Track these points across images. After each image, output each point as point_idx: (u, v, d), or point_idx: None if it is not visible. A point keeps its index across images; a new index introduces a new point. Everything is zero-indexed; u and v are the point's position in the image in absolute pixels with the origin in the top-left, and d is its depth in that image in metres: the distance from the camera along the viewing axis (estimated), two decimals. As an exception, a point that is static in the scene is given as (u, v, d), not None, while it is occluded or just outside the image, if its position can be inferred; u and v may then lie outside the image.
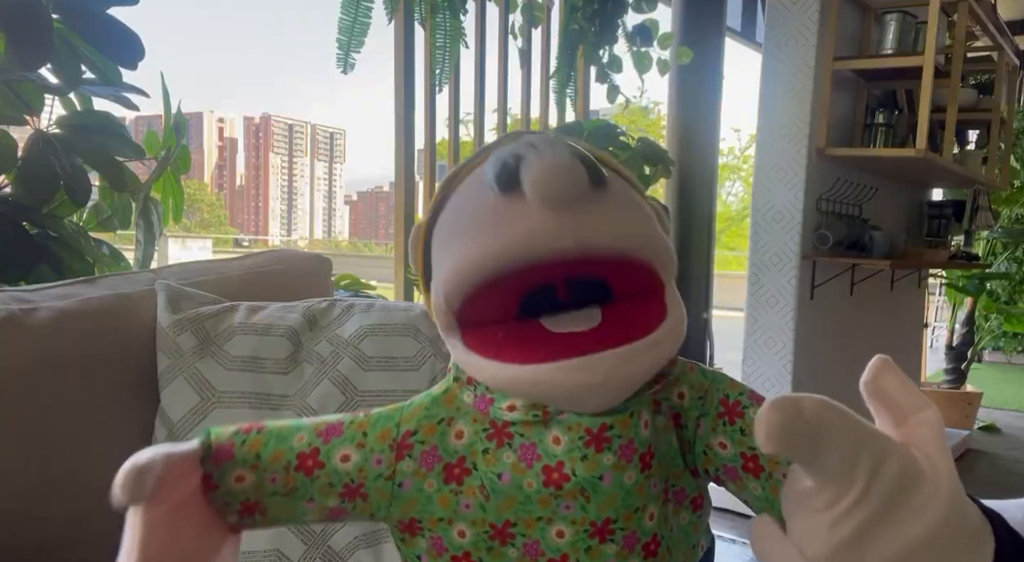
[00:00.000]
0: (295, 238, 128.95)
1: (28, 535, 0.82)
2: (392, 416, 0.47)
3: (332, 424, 0.47)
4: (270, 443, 0.45)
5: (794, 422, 0.33)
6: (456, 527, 0.46)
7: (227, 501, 0.45)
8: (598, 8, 2.05)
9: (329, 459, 0.45)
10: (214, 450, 0.45)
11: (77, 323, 0.89)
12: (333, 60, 1.69)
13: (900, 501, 0.34)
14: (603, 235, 0.38)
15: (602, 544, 0.44)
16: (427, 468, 0.45)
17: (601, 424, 0.42)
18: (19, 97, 1.16)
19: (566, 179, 0.37)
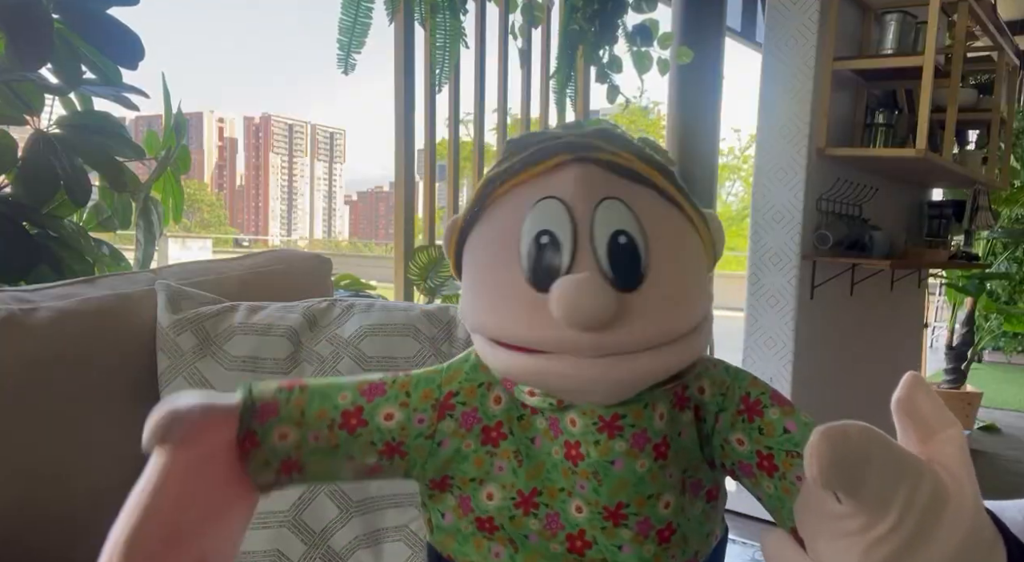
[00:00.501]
0: (295, 238, 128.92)
1: (27, 535, 0.82)
2: (433, 378, 0.48)
3: (375, 383, 0.48)
4: (315, 400, 0.46)
5: (844, 453, 0.33)
6: (486, 489, 0.47)
7: (267, 459, 0.45)
8: (598, 8, 2.05)
9: (373, 417, 0.46)
10: (258, 407, 0.45)
11: (77, 323, 0.89)
12: (333, 60, 1.69)
13: (931, 523, 0.35)
14: (628, 346, 0.39)
15: (616, 527, 0.45)
16: (466, 428, 0.47)
17: (613, 413, 0.43)
18: (19, 97, 1.16)
19: (590, 307, 0.37)
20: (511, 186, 0.43)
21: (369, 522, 0.91)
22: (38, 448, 0.83)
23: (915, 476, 0.35)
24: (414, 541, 0.92)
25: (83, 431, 0.87)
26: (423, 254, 1.90)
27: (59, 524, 0.84)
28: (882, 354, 3.30)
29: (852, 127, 2.84)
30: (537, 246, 0.40)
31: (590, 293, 0.37)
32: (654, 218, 0.41)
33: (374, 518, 0.92)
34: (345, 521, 0.90)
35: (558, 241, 0.39)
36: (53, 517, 0.84)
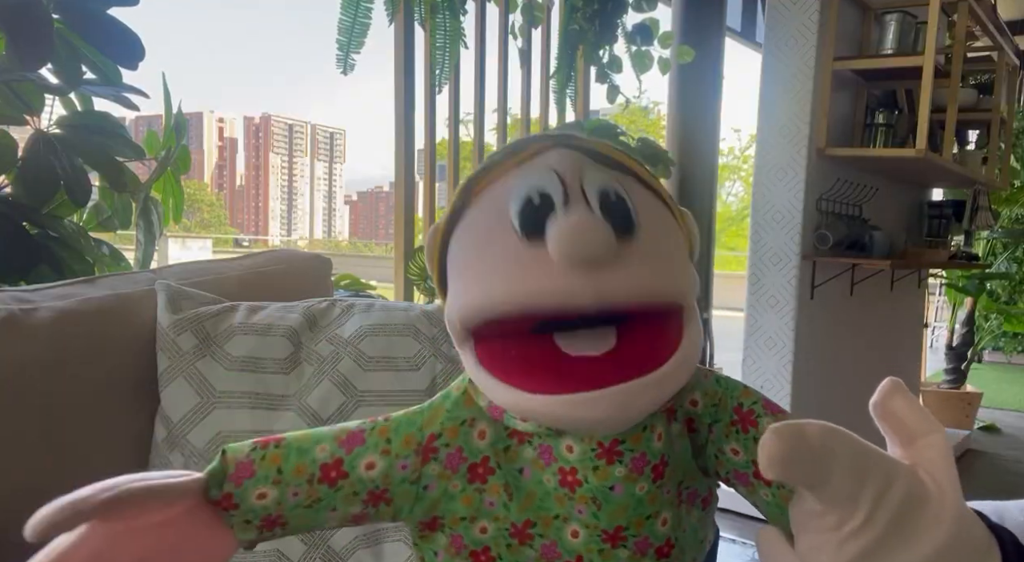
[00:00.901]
0: (295, 238, 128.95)
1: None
2: (414, 420, 0.46)
3: (353, 432, 0.46)
4: (291, 456, 0.45)
5: (797, 450, 0.33)
6: (478, 524, 0.46)
7: (247, 519, 0.44)
8: (598, 8, 2.05)
9: (353, 468, 0.45)
10: (232, 471, 0.44)
11: (77, 323, 0.89)
12: (333, 60, 1.69)
13: (906, 523, 0.35)
14: (624, 292, 0.38)
15: (615, 549, 0.45)
16: (452, 470, 0.46)
17: (612, 440, 0.42)
18: (19, 97, 1.16)
19: (590, 241, 0.37)
20: (491, 179, 0.43)
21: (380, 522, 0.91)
22: (38, 448, 0.83)
23: (886, 474, 0.35)
24: (414, 541, 0.92)
25: (83, 431, 0.87)
26: (423, 254, 1.90)
27: (59, 524, 0.84)
28: (882, 354, 3.30)
29: (852, 127, 2.84)
30: (529, 205, 0.39)
31: (590, 227, 0.37)
32: (636, 194, 0.41)
33: (374, 518, 0.92)
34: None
35: (549, 197, 0.39)
36: (53, 517, 0.84)
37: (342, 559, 0.89)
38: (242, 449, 0.45)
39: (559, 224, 0.37)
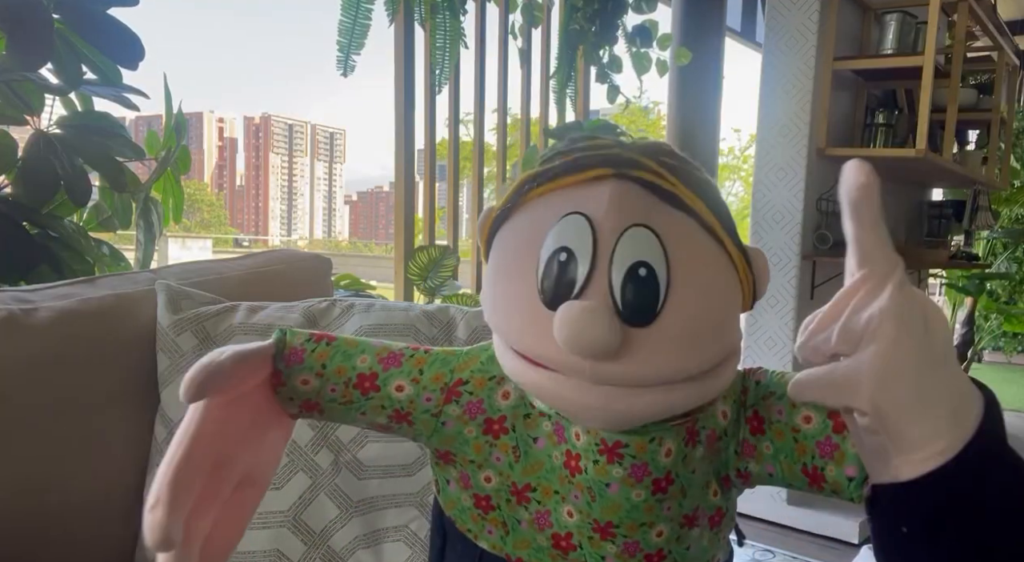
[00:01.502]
0: (295, 238, 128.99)
1: (28, 534, 0.82)
2: (448, 361, 0.50)
3: (393, 353, 0.50)
4: (336, 357, 0.49)
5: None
6: (484, 472, 0.49)
7: (291, 397, 0.49)
8: (598, 8, 2.05)
9: (385, 385, 0.49)
10: (287, 352, 0.49)
11: (77, 323, 0.89)
12: (333, 60, 1.69)
13: (921, 299, 0.39)
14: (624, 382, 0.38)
15: (604, 541, 0.46)
16: (470, 416, 0.48)
17: (616, 441, 0.42)
18: (19, 97, 1.16)
19: (589, 339, 0.36)
20: (546, 190, 0.42)
21: (369, 522, 0.91)
22: (38, 447, 0.83)
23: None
24: (414, 541, 0.92)
25: (83, 431, 0.87)
26: (423, 254, 1.90)
27: (60, 522, 0.84)
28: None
29: (852, 127, 2.84)
30: (555, 263, 0.39)
31: (593, 323, 0.36)
32: (686, 250, 0.39)
33: (374, 518, 0.92)
34: (345, 521, 0.90)
35: (576, 261, 0.38)
36: (55, 516, 0.84)
37: (342, 559, 0.89)
38: (299, 336, 0.50)
39: (566, 312, 0.37)
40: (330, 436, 0.92)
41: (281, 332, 0.49)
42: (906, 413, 0.37)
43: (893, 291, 0.37)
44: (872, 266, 0.38)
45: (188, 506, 0.42)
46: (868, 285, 0.37)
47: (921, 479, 0.37)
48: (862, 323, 0.37)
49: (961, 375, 0.39)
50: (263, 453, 0.50)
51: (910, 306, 0.37)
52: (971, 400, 0.39)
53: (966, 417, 0.38)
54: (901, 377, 0.36)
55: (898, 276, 0.38)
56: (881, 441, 0.38)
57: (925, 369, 0.37)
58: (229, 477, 0.46)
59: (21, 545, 0.81)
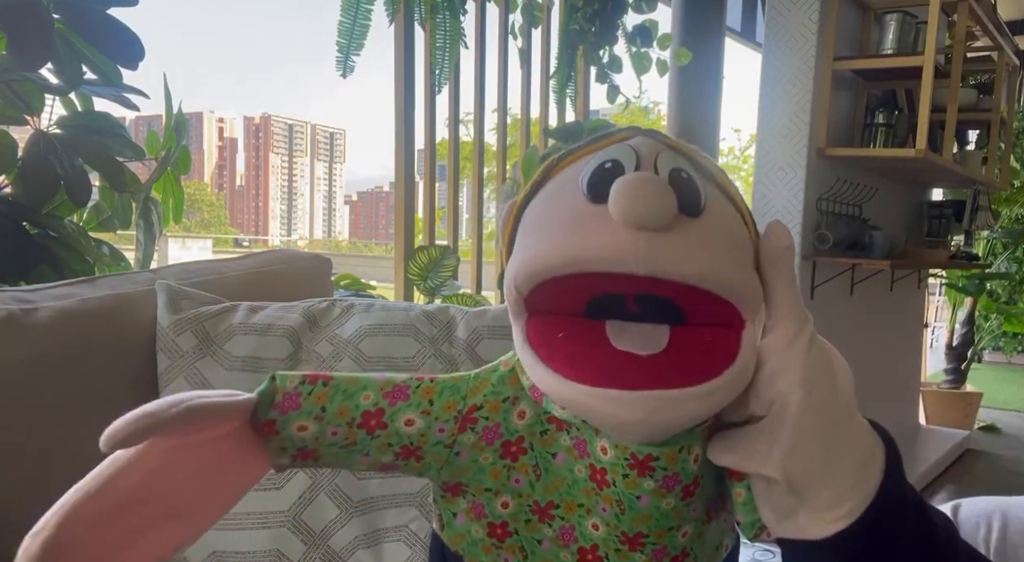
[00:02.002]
0: (295, 238, 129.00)
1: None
2: (459, 387, 0.47)
3: (398, 386, 0.47)
4: (336, 397, 0.46)
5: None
6: (501, 499, 0.47)
7: (284, 446, 0.45)
8: (598, 8, 2.05)
9: (393, 421, 0.46)
10: (279, 399, 0.45)
11: (77, 323, 0.89)
12: (333, 60, 1.69)
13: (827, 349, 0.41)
14: (676, 267, 0.37)
15: (632, 552, 0.45)
16: (487, 442, 0.46)
17: (647, 454, 0.41)
18: (19, 97, 1.16)
19: (650, 205, 0.36)
20: (572, 160, 0.43)
21: (369, 522, 0.91)
22: (37, 448, 0.83)
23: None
24: (414, 541, 0.92)
25: (83, 431, 0.87)
26: (423, 254, 1.90)
27: (59, 524, 0.84)
28: (882, 354, 3.30)
29: (852, 127, 2.84)
30: (600, 171, 0.39)
31: (651, 187, 0.36)
32: (709, 185, 0.41)
33: (374, 518, 0.92)
34: (345, 521, 0.90)
35: (621, 166, 0.39)
36: (53, 517, 0.84)
37: (342, 559, 0.89)
38: (291, 380, 0.46)
39: (622, 180, 0.37)
40: (330, 436, 0.92)
41: (270, 379, 0.45)
42: (816, 477, 0.38)
43: (801, 353, 0.38)
44: (785, 323, 0.39)
45: (78, 539, 0.38)
46: (779, 347, 0.39)
47: (830, 538, 0.38)
48: (773, 391, 0.38)
49: (863, 424, 0.40)
50: (204, 500, 0.44)
51: (817, 367, 0.38)
52: (875, 450, 0.40)
53: (872, 470, 0.39)
54: (811, 443, 0.38)
55: (806, 335, 0.39)
56: (788, 501, 0.39)
57: (833, 431, 0.38)
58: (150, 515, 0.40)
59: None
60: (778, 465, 0.38)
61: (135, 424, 0.38)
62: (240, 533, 0.86)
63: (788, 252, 0.39)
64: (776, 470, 0.38)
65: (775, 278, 0.39)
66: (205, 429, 0.41)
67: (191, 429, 0.40)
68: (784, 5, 2.53)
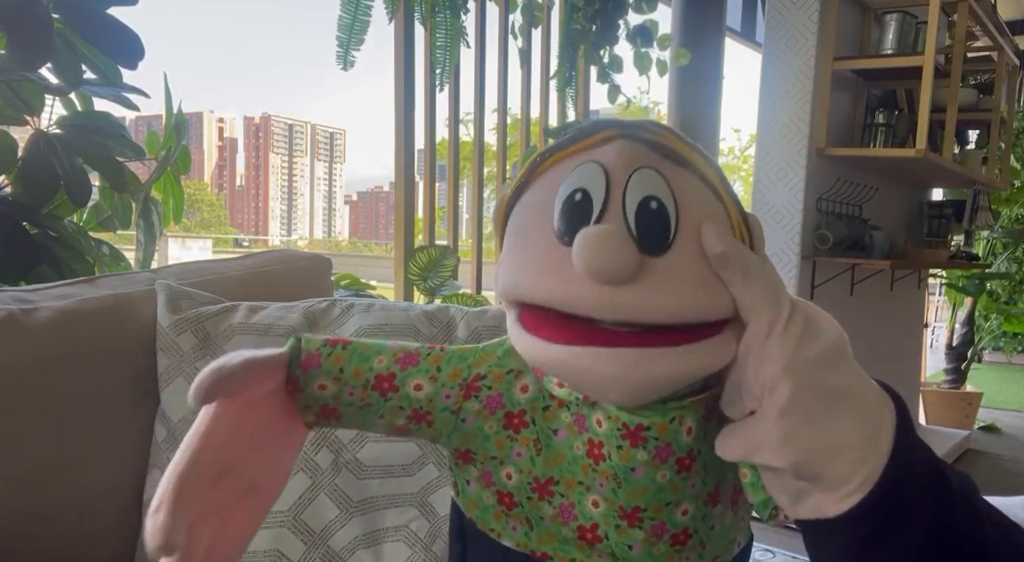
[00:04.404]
0: (295, 238, 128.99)
1: (28, 534, 0.82)
2: (465, 357, 0.50)
3: (410, 353, 0.50)
4: (353, 360, 0.49)
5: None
6: (505, 469, 0.49)
7: (308, 404, 0.49)
8: (599, 8, 2.05)
9: (403, 385, 0.49)
10: (303, 357, 0.49)
11: (77, 323, 0.89)
12: (334, 60, 1.69)
13: (811, 316, 0.40)
14: (640, 314, 0.38)
15: (631, 527, 0.46)
16: (490, 411, 0.49)
17: (638, 424, 0.43)
18: (19, 97, 1.16)
19: (609, 263, 0.37)
20: (557, 158, 0.44)
21: (369, 522, 0.92)
22: (38, 448, 0.83)
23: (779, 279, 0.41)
24: (414, 541, 0.92)
25: (83, 431, 0.87)
26: (423, 254, 1.90)
27: (60, 523, 0.84)
28: (882, 354, 3.30)
29: (852, 127, 2.84)
30: (571, 203, 0.40)
31: (610, 244, 0.37)
32: (691, 195, 0.40)
33: (374, 518, 0.92)
34: (345, 521, 0.90)
35: (590, 199, 0.39)
36: (54, 516, 0.84)
37: (342, 559, 0.89)
38: (314, 342, 0.50)
39: (583, 237, 0.38)
40: (330, 436, 0.92)
41: (296, 338, 0.49)
42: (821, 458, 0.38)
43: (778, 341, 0.38)
44: (757, 316, 0.39)
45: (191, 511, 0.42)
46: (757, 340, 0.39)
47: (846, 513, 0.38)
48: (759, 384, 0.38)
49: (865, 388, 0.40)
50: (272, 462, 0.49)
51: (799, 349, 0.38)
52: (883, 413, 0.39)
53: (881, 437, 0.38)
54: (807, 427, 0.38)
55: (781, 321, 0.39)
56: (799, 484, 0.39)
57: (830, 407, 0.38)
58: (236, 485, 0.45)
59: (21, 544, 0.81)
60: (779, 455, 0.38)
61: (213, 376, 0.43)
62: (240, 533, 0.86)
63: (724, 257, 0.38)
64: (778, 460, 0.38)
65: (729, 283, 0.39)
66: (261, 378, 0.46)
67: (252, 378, 0.45)
68: (784, 5, 2.53)
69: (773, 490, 0.41)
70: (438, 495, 0.95)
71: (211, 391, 0.43)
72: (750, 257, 0.39)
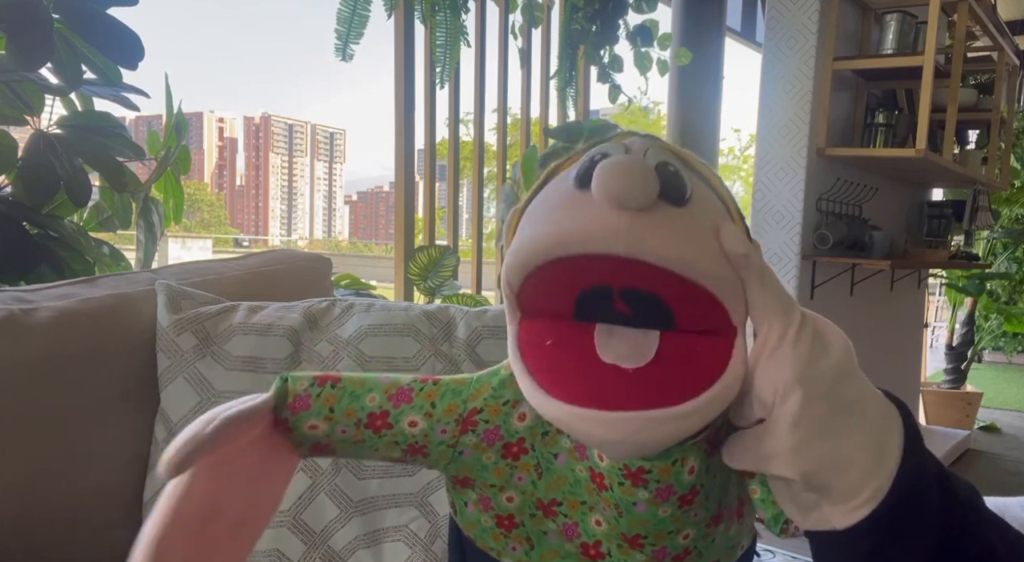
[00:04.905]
0: (295, 238, 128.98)
1: (28, 534, 0.82)
2: (460, 391, 0.49)
3: (402, 389, 0.49)
4: (343, 399, 0.49)
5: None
6: (506, 494, 0.49)
7: (300, 441, 0.49)
8: (599, 8, 2.05)
9: (397, 422, 0.48)
10: (291, 400, 0.48)
11: (77, 323, 0.89)
12: (333, 60, 1.69)
13: (819, 328, 0.40)
14: (655, 249, 0.36)
15: (632, 549, 0.46)
16: (488, 444, 0.48)
17: (639, 467, 0.42)
18: (19, 97, 1.17)
19: (630, 185, 0.36)
20: (570, 161, 0.43)
21: (369, 522, 0.91)
22: (38, 448, 0.83)
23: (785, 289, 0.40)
24: (414, 541, 0.92)
25: (83, 431, 0.87)
26: (423, 254, 1.90)
27: (60, 523, 0.84)
28: (882, 354, 3.30)
29: (852, 127, 2.84)
30: (588, 163, 0.39)
31: (634, 168, 0.36)
32: (700, 191, 0.40)
33: (374, 518, 0.92)
34: (345, 521, 0.90)
35: (608, 154, 0.39)
36: (54, 517, 0.84)
37: (342, 559, 0.89)
38: (301, 382, 0.49)
39: (605, 162, 0.37)
40: (330, 436, 0.92)
41: (282, 380, 0.48)
42: (831, 469, 0.38)
43: (789, 351, 0.38)
44: (768, 324, 0.39)
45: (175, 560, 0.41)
46: (767, 348, 0.39)
47: (856, 525, 0.38)
48: (769, 393, 0.38)
49: (873, 399, 0.40)
50: (260, 498, 0.49)
51: (809, 359, 0.38)
52: (891, 424, 0.39)
53: (890, 449, 0.38)
54: (817, 439, 0.37)
55: (793, 329, 0.38)
56: (809, 496, 0.39)
57: (840, 419, 0.38)
58: (221, 527, 0.45)
59: (21, 544, 0.81)
60: (788, 465, 0.38)
61: (184, 448, 0.41)
62: (240, 533, 0.86)
63: (746, 258, 0.38)
64: (788, 470, 0.38)
65: (746, 284, 0.39)
66: (239, 435, 0.45)
67: (230, 438, 0.43)
68: (784, 5, 2.53)
69: (782, 501, 0.41)
70: (438, 495, 0.95)
71: (182, 464, 0.41)
72: (766, 263, 0.39)
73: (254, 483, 0.47)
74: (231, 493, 0.45)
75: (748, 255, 0.38)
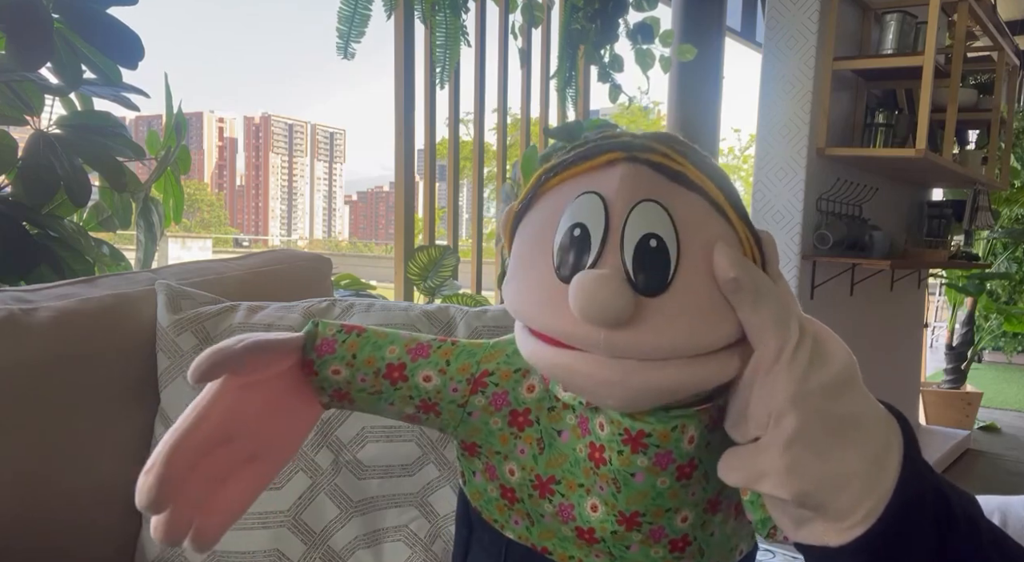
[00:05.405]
0: (295, 238, 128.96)
1: (28, 533, 0.82)
2: (475, 352, 0.51)
3: (421, 344, 0.52)
4: (366, 348, 0.51)
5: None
6: (508, 464, 0.50)
7: (322, 386, 0.51)
8: (599, 8, 2.05)
9: (412, 375, 0.51)
10: (319, 342, 0.50)
11: (77, 323, 0.89)
12: (333, 60, 1.69)
13: (818, 341, 0.39)
14: (638, 352, 0.38)
15: (628, 532, 0.46)
16: (495, 408, 0.50)
17: (639, 430, 0.43)
18: (19, 97, 1.16)
19: (604, 309, 0.37)
20: (561, 179, 0.43)
21: (369, 522, 0.92)
22: (38, 448, 0.83)
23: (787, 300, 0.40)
24: (414, 541, 0.92)
25: (83, 431, 0.87)
26: (423, 254, 1.90)
27: (60, 523, 0.84)
28: (882, 354, 3.30)
29: (852, 127, 2.84)
30: (569, 238, 0.40)
31: (606, 289, 0.37)
32: (695, 225, 0.39)
33: (374, 518, 0.92)
34: (345, 521, 0.90)
35: (588, 236, 0.39)
36: (54, 516, 0.84)
37: (342, 559, 0.89)
38: (331, 327, 0.51)
39: (579, 281, 0.38)
40: (330, 436, 0.92)
41: (313, 324, 0.51)
42: (825, 489, 0.37)
43: (786, 369, 0.37)
44: (765, 342, 0.38)
45: (183, 475, 0.43)
46: (764, 366, 0.38)
47: (850, 543, 0.37)
48: (765, 411, 0.38)
49: (873, 413, 0.39)
50: (277, 437, 0.51)
51: (807, 378, 0.37)
52: (890, 439, 0.39)
53: (888, 464, 0.38)
54: (812, 459, 0.37)
55: (791, 347, 0.38)
56: (803, 512, 0.39)
57: (837, 438, 0.37)
58: (235, 454, 0.46)
59: (21, 544, 0.81)
60: (783, 485, 0.37)
61: (211, 358, 0.44)
62: (240, 533, 0.86)
63: (736, 283, 0.38)
64: (780, 490, 0.37)
65: (738, 308, 0.38)
66: (267, 362, 0.47)
67: (256, 361, 0.46)
68: (784, 5, 2.53)
69: (774, 513, 0.41)
70: (438, 495, 0.95)
71: (207, 372, 0.44)
72: (762, 280, 0.38)
73: (273, 419, 0.49)
74: (249, 423, 0.47)
75: (737, 280, 0.37)
